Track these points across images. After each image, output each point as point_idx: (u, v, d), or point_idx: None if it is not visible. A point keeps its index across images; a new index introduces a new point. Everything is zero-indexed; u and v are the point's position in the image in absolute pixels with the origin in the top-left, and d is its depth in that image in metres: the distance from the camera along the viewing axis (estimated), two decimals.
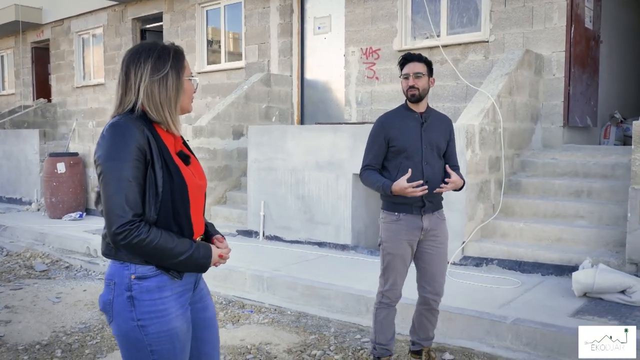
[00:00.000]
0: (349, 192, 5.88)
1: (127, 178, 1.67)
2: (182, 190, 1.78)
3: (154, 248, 1.70)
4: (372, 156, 3.08)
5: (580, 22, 6.42)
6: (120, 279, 1.76)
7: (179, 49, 1.85)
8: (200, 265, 1.82)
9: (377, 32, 7.75)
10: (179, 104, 1.83)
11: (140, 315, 1.75)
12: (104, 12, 11.83)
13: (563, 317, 3.66)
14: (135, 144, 1.69)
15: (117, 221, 1.66)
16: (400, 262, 3.07)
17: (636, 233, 4.24)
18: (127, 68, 1.79)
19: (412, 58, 3.07)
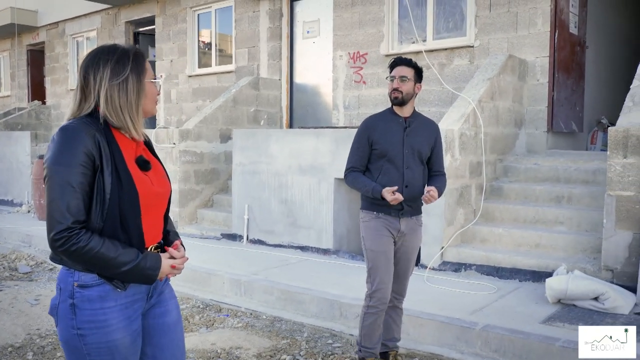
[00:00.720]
0: (330, 196, 5.86)
1: (70, 184, 1.63)
2: (131, 197, 1.73)
3: (94, 257, 1.65)
4: (357, 157, 3.10)
5: (565, 28, 6.40)
6: (65, 285, 1.73)
7: (138, 52, 1.81)
8: (147, 277, 1.76)
9: (365, 36, 7.74)
10: (140, 108, 1.78)
11: (80, 324, 1.71)
12: (98, 15, 11.85)
13: (534, 323, 3.63)
14: (82, 149, 1.65)
15: (56, 227, 1.62)
16: (384, 258, 3.06)
17: (612, 239, 4.22)
18: (85, 72, 1.75)
19: (401, 62, 3.10)
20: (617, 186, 4.18)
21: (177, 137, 7.39)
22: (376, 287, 3.07)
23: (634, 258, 4.11)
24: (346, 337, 3.96)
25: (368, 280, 3.13)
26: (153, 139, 7.68)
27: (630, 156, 4.13)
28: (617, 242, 4.19)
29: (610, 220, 4.21)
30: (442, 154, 3.22)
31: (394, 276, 3.14)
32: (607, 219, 4.24)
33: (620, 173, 4.17)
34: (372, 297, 3.09)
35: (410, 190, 3.01)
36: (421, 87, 3.15)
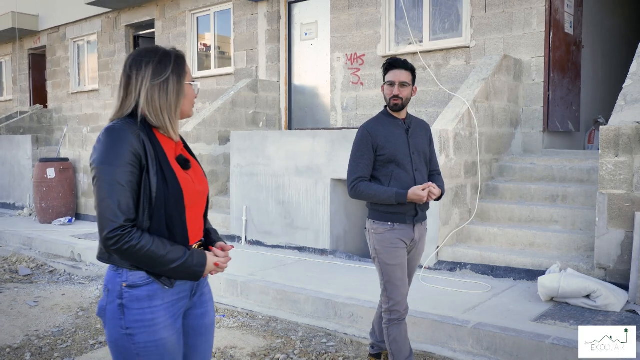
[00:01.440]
0: (327, 197, 5.90)
1: (120, 182, 1.66)
2: (177, 196, 1.76)
3: (145, 255, 1.68)
4: (363, 166, 2.93)
5: (560, 28, 6.43)
6: (113, 286, 1.76)
7: (180, 54, 1.84)
8: (193, 274, 1.78)
9: (362, 38, 7.79)
10: (179, 109, 1.81)
11: (129, 324, 1.74)
12: (98, 19, 11.93)
13: (526, 321, 3.67)
14: (129, 149, 1.68)
15: (109, 226, 1.64)
16: (401, 271, 2.95)
17: (604, 238, 4.24)
18: (129, 71, 1.78)
19: (397, 65, 2.96)
20: (609, 185, 4.21)
21: None
22: (394, 301, 2.95)
23: (626, 256, 4.14)
24: (340, 336, 4.00)
25: (384, 294, 2.99)
26: None
27: (621, 155, 4.16)
28: (609, 241, 4.22)
29: (603, 219, 4.24)
30: (435, 153, 3.16)
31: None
32: (599, 218, 4.26)
33: (612, 172, 4.19)
34: (392, 311, 2.97)
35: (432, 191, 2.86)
36: (417, 89, 3.06)
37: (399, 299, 2.94)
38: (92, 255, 6.50)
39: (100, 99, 12.09)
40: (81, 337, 4.18)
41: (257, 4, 9.05)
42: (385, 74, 2.99)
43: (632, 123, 4.20)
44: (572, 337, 3.35)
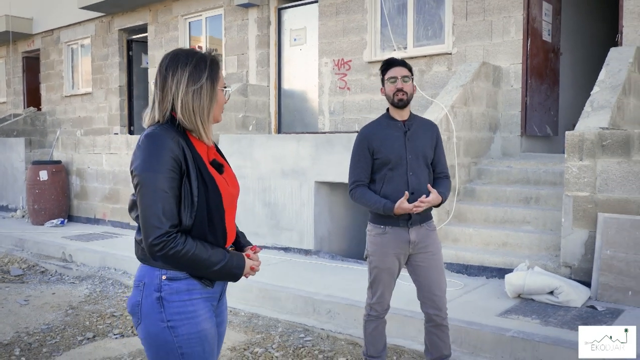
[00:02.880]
0: (311, 199, 6.13)
1: (163, 189, 1.69)
2: (216, 199, 1.79)
3: (189, 259, 1.72)
4: (360, 170, 2.98)
5: (537, 35, 6.68)
6: (151, 279, 1.78)
7: (215, 58, 1.85)
8: (233, 275, 1.83)
9: (349, 44, 8.03)
10: (211, 114, 1.82)
11: (170, 317, 1.75)
12: (92, 23, 12.15)
13: (491, 316, 3.90)
14: (170, 155, 1.71)
15: (154, 232, 1.67)
16: (387, 275, 3.01)
17: (569, 238, 4.48)
18: (165, 74, 1.79)
19: (396, 63, 2.97)
20: (574, 187, 4.45)
21: None
22: (376, 299, 3.06)
23: (589, 255, 4.38)
24: (317, 332, 4.23)
25: (369, 291, 3.12)
26: None
27: (585, 159, 4.40)
28: (574, 240, 4.46)
29: (568, 220, 4.48)
30: (444, 155, 3.12)
31: (426, 291, 3.02)
32: (565, 218, 4.50)
33: (577, 175, 4.44)
34: (372, 307, 3.09)
35: (417, 197, 2.86)
36: (416, 87, 3.05)
37: (381, 299, 3.05)
38: (83, 256, 6.72)
39: (94, 102, 12.30)
40: (69, 333, 4.39)
41: (247, 10, 9.29)
42: (384, 75, 2.98)
43: (595, 129, 4.44)
44: (531, 330, 3.60)
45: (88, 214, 9.06)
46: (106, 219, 8.72)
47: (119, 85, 11.70)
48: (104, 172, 8.72)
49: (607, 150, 4.33)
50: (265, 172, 6.54)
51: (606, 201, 4.34)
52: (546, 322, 3.73)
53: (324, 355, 3.79)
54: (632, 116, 5.30)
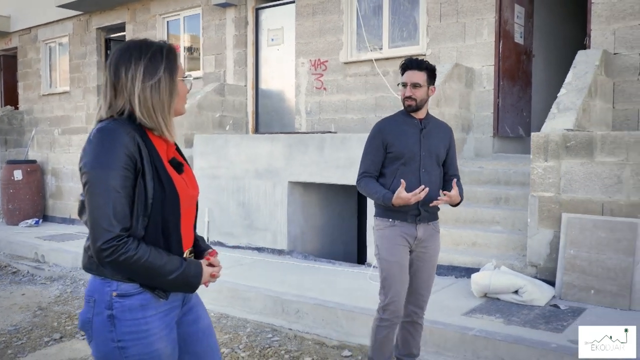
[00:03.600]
0: (284, 199, 6.12)
1: (115, 188, 1.55)
2: (173, 201, 1.66)
3: (142, 266, 1.58)
4: (370, 162, 2.96)
5: (509, 38, 6.75)
6: (101, 296, 1.64)
7: (171, 48, 1.72)
8: (190, 285, 1.71)
9: (325, 44, 8.04)
10: (172, 108, 1.70)
11: (121, 336, 1.63)
12: (70, 21, 12.00)
13: (456, 315, 3.93)
14: (124, 151, 1.57)
15: (104, 236, 1.53)
16: (399, 269, 2.91)
17: (535, 237, 4.54)
18: (116, 68, 1.66)
19: (412, 65, 2.93)
20: (539, 187, 4.50)
21: None
22: (390, 299, 2.91)
23: (554, 254, 4.43)
24: (285, 332, 4.23)
25: (381, 292, 2.98)
26: None
27: (550, 159, 4.46)
28: (539, 240, 4.51)
29: (534, 220, 4.53)
30: (456, 158, 3.11)
31: (413, 289, 3.01)
32: (530, 218, 4.56)
33: (542, 175, 4.49)
34: (385, 309, 2.94)
35: (427, 194, 2.81)
36: (435, 89, 2.99)
37: (395, 298, 2.90)
38: (56, 256, 6.64)
39: (72, 101, 12.15)
40: (37, 334, 4.34)
41: (225, 10, 9.25)
42: (402, 75, 2.97)
43: (561, 130, 4.50)
44: (494, 329, 3.63)
45: (63, 213, 8.95)
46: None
47: (97, 84, 11.57)
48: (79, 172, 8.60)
49: (570, 152, 4.39)
50: (240, 172, 6.53)
51: (570, 201, 4.40)
52: (509, 321, 3.77)
53: (290, 355, 3.80)
54: (599, 118, 5.38)
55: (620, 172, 4.21)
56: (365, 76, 7.63)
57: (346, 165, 5.65)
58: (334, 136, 5.84)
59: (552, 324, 3.70)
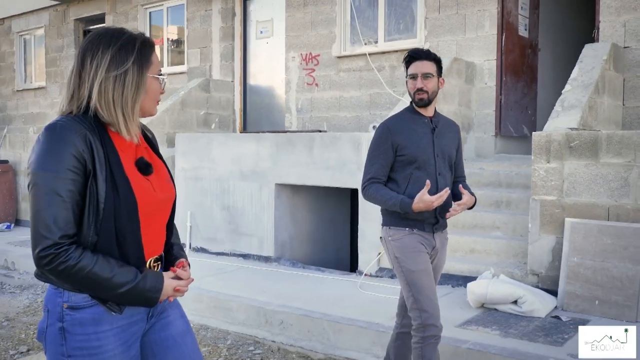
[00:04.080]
0: (271, 203, 6.12)
1: (57, 193, 1.52)
2: (130, 207, 1.62)
3: (85, 277, 1.55)
4: (378, 166, 2.83)
5: (513, 31, 6.76)
6: (53, 306, 1.63)
7: (147, 41, 1.69)
8: (146, 299, 1.64)
9: (317, 37, 8.05)
10: (137, 105, 1.66)
11: (71, 351, 1.61)
12: (46, 12, 12.00)
13: (450, 327, 3.91)
14: (72, 152, 1.54)
15: (42, 242, 1.51)
16: (427, 277, 2.79)
17: (536, 244, 4.54)
18: (83, 56, 1.63)
19: (420, 55, 2.85)
20: (541, 190, 4.51)
21: None
22: (429, 314, 2.74)
23: (557, 262, 4.44)
24: (268, 344, 4.22)
25: (414, 309, 2.78)
26: None
27: (552, 161, 4.46)
28: (541, 247, 4.52)
29: (535, 225, 4.54)
30: (462, 158, 3.04)
31: None
32: (532, 224, 4.56)
33: (544, 177, 4.49)
34: (427, 326, 2.74)
35: (444, 200, 2.71)
36: (444, 81, 2.93)
37: (433, 310, 2.75)
38: (26, 263, 6.62)
39: (48, 97, 12.14)
40: (2, 347, 4.33)
41: (211, 0, 9.26)
42: (407, 68, 2.89)
43: (564, 129, 4.51)
44: (490, 342, 3.63)
45: None
46: None
47: None
48: None
49: (574, 152, 4.40)
50: (224, 173, 6.52)
51: (574, 205, 4.41)
52: (506, 334, 3.77)
53: None
54: (606, 116, 5.39)
55: (628, 174, 4.21)
56: (359, 71, 7.64)
57: (337, 167, 5.65)
58: (323, 135, 5.85)
59: (552, 337, 3.70)
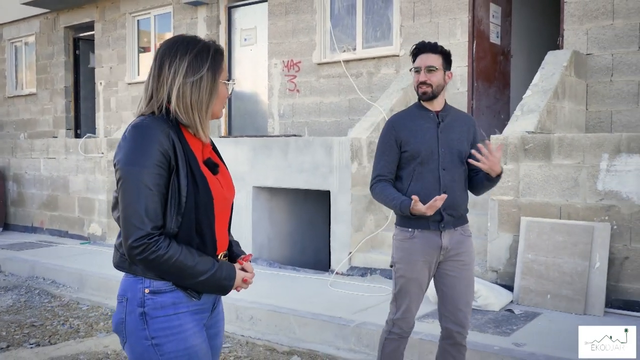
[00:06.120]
0: (249, 205, 6.36)
1: (147, 186, 1.63)
2: (207, 202, 1.73)
3: (172, 265, 1.65)
4: (384, 164, 2.83)
5: (485, 38, 7.04)
6: (134, 294, 1.72)
7: (219, 49, 1.81)
8: (222, 287, 1.76)
9: (298, 44, 8.31)
10: (210, 109, 1.77)
11: (155, 333, 1.69)
12: (36, 19, 12.27)
13: None
14: (158, 148, 1.64)
15: (135, 233, 1.61)
16: (416, 286, 2.82)
17: (495, 242, 4.79)
18: (161, 61, 1.74)
19: (425, 48, 2.84)
20: (499, 191, 4.76)
21: (105, 147, 7.84)
22: (401, 314, 2.86)
23: (513, 259, 4.69)
24: (238, 338, 4.46)
25: (392, 304, 2.91)
26: (81, 148, 8.13)
27: (509, 162, 4.72)
28: (499, 245, 4.77)
29: (494, 224, 4.79)
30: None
31: (452, 305, 2.84)
32: (490, 223, 4.81)
33: (501, 179, 4.74)
34: (395, 323, 2.88)
35: (449, 196, 2.71)
36: (452, 74, 2.90)
37: (405, 315, 2.86)
38: (12, 266, 6.86)
39: (38, 103, 12.39)
40: None
41: (197, 8, 9.53)
42: (413, 62, 2.88)
43: (521, 132, 4.77)
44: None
45: (25, 221, 9.17)
46: (44, 227, 8.84)
47: (65, 85, 11.83)
48: (42, 178, 8.85)
49: (529, 154, 4.65)
50: None
51: (529, 205, 4.66)
52: None
53: None
54: (568, 120, 5.65)
55: (577, 174, 4.47)
56: (338, 77, 7.90)
57: (310, 170, 5.90)
58: (297, 140, 6.10)
59: (501, 328, 3.94)
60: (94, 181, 8.04)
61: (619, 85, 5.99)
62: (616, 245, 4.34)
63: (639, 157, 4.26)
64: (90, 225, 8.12)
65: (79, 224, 8.31)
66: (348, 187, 5.56)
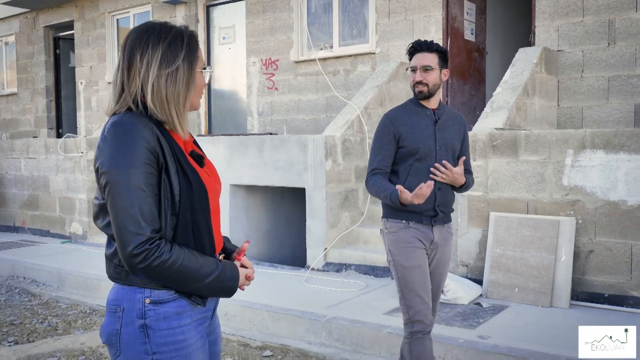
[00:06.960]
0: (226, 203, 6.40)
1: (139, 187, 1.49)
2: (202, 197, 1.60)
3: (177, 270, 1.52)
4: (381, 158, 2.82)
5: (459, 35, 7.11)
6: (132, 304, 1.57)
7: (193, 34, 1.67)
8: (227, 289, 1.63)
9: (276, 43, 8.34)
10: (188, 101, 1.63)
11: (157, 348, 1.57)
12: (16, 19, 12.17)
13: (377, 314, 4.24)
14: (145, 145, 1.51)
15: (134, 240, 1.47)
16: (420, 273, 2.76)
17: (465, 237, 4.87)
18: (130, 52, 1.59)
19: (421, 47, 2.83)
20: None
21: (84, 146, 7.83)
22: (415, 310, 2.74)
23: (483, 253, 4.77)
24: None
25: (402, 303, 2.80)
26: (61, 148, 8.12)
27: (478, 159, 4.79)
28: (469, 239, 4.85)
29: (464, 219, 4.87)
30: (469, 151, 3.03)
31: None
32: (461, 218, 4.89)
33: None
34: (413, 322, 2.76)
35: (443, 193, 2.78)
36: (448, 72, 2.90)
37: (420, 307, 2.74)
38: None
39: (19, 103, 12.31)
40: None
41: (175, 7, 9.52)
42: (410, 60, 2.89)
43: (489, 129, 4.84)
44: None
45: (7, 221, 9.13)
46: (25, 226, 8.82)
47: (46, 85, 11.76)
48: (22, 178, 8.81)
49: (497, 151, 4.73)
50: None
51: (497, 200, 4.74)
52: None
53: None
54: (538, 116, 5.74)
55: (543, 170, 4.56)
56: (316, 75, 7.94)
57: (285, 167, 5.94)
58: (273, 138, 6.14)
59: (468, 322, 4.02)
60: (74, 180, 8.03)
61: (589, 81, 6.09)
62: (581, 239, 4.43)
63: (602, 152, 4.35)
64: (72, 224, 8.11)
65: (60, 223, 8.30)
66: (323, 184, 5.61)
